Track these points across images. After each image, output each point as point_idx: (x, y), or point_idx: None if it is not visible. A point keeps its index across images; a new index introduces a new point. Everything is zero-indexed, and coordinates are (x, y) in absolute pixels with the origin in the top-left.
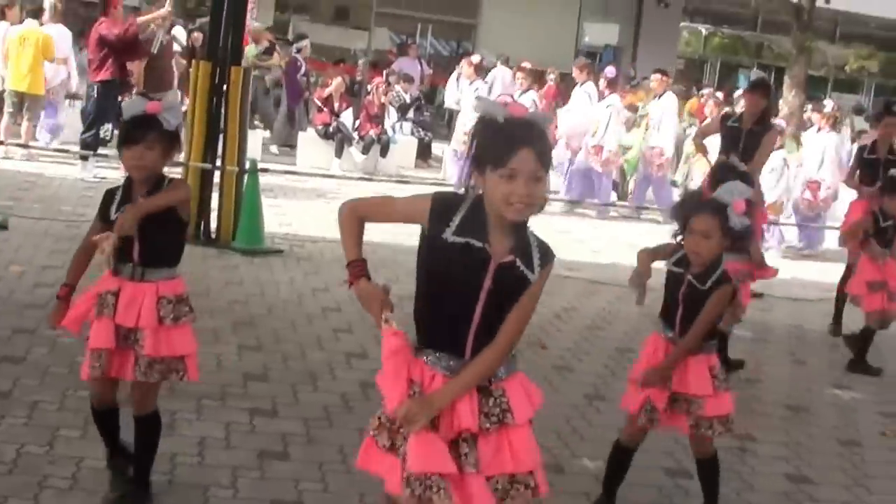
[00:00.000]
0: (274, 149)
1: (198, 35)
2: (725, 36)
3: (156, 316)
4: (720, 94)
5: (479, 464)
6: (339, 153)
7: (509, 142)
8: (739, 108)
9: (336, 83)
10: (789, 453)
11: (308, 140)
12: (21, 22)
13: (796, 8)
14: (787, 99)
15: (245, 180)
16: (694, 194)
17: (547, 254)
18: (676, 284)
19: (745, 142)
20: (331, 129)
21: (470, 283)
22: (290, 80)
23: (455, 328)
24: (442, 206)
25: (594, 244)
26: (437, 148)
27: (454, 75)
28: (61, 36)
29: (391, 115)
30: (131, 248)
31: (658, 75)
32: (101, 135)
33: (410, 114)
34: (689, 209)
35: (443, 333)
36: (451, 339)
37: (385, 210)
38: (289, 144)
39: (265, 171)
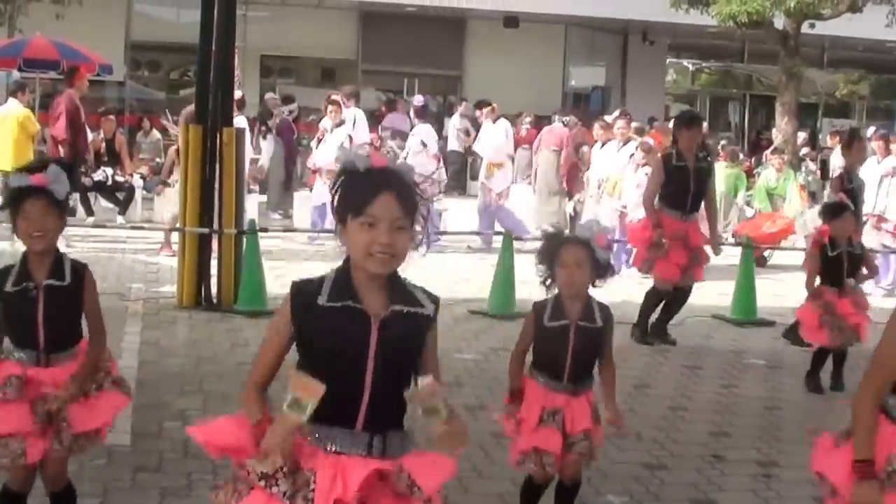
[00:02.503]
0: (275, 215)
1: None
2: (713, 70)
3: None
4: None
5: None
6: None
7: (369, 188)
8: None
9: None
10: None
11: (304, 200)
12: (5, 102)
13: (782, 35)
14: (780, 126)
15: (244, 242)
16: (556, 234)
17: (430, 293)
18: (560, 337)
19: (695, 176)
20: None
21: (354, 349)
22: (284, 143)
23: (345, 401)
24: (305, 288)
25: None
26: None
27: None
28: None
29: None
30: (35, 337)
31: (622, 120)
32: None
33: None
34: (555, 244)
35: (332, 407)
36: (341, 412)
37: (267, 356)
38: (285, 209)
39: (264, 230)
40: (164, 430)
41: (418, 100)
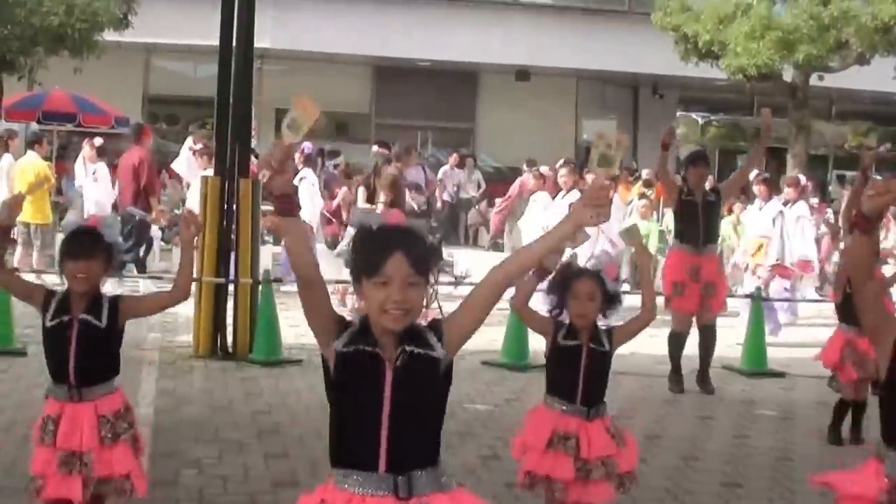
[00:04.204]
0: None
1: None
2: (722, 123)
3: (97, 437)
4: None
5: None
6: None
7: (382, 248)
8: None
9: (342, 194)
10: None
11: (319, 252)
12: (24, 154)
13: (791, 88)
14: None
15: (260, 292)
16: (569, 266)
17: (438, 325)
18: (573, 357)
19: (703, 210)
20: (340, 239)
21: (370, 392)
22: (330, 197)
23: (365, 443)
24: (342, 320)
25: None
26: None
27: None
28: None
29: None
30: (66, 370)
31: (566, 168)
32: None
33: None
34: (568, 276)
35: (354, 451)
36: (363, 455)
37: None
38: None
39: (279, 281)
40: (180, 477)
41: (307, 146)
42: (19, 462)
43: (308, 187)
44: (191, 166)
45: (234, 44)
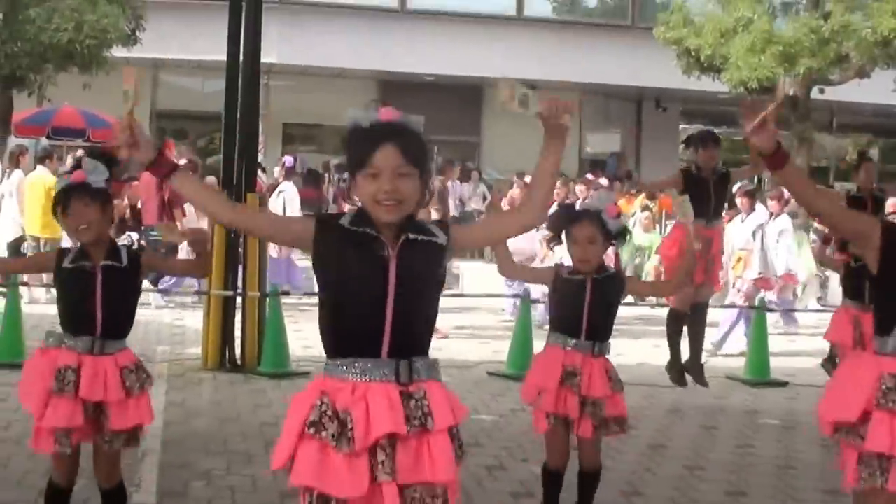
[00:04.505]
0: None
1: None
2: (723, 135)
3: (121, 388)
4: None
5: (395, 472)
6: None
7: (372, 141)
8: None
9: (349, 209)
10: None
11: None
12: (34, 169)
13: (792, 100)
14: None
15: (267, 305)
16: (567, 207)
17: (444, 224)
18: (578, 289)
19: (714, 187)
20: None
21: (374, 277)
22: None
23: (369, 329)
24: (326, 214)
25: (618, 346)
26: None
27: None
28: None
29: None
30: (93, 320)
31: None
32: None
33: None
34: (566, 220)
35: (357, 337)
36: (367, 341)
37: (265, 222)
38: None
39: (286, 293)
40: (189, 489)
41: (288, 160)
42: (30, 475)
43: (289, 201)
44: None
45: (241, 59)
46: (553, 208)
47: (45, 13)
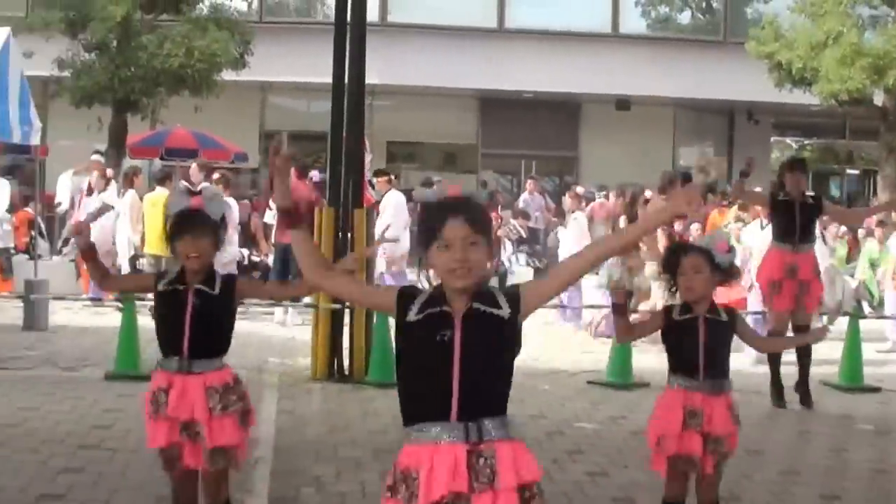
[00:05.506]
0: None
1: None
2: (815, 147)
3: (206, 407)
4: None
5: None
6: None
7: (440, 215)
8: None
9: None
10: None
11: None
12: (152, 190)
13: (882, 111)
14: (882, 199)
15: (374, 317)
16: (679, 245)
17: (514, 290)
18: (691, 330)
19: (801, 209)
20: None
21: (442, 344)
22: None
23: (438, 395)
24: (409, 291)
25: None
26: None
27: None
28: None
29: (506, 248)
30: (180, 341)
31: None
32: None
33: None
34: (677, 255)
35: (428, 402)
36: (436, 406)
37: (350, 288)
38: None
39: None
40: (300, 495)
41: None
42: (147, 484)
43: None
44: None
45: (345, 81)
46: (661, 241)
47: (157, 40)
